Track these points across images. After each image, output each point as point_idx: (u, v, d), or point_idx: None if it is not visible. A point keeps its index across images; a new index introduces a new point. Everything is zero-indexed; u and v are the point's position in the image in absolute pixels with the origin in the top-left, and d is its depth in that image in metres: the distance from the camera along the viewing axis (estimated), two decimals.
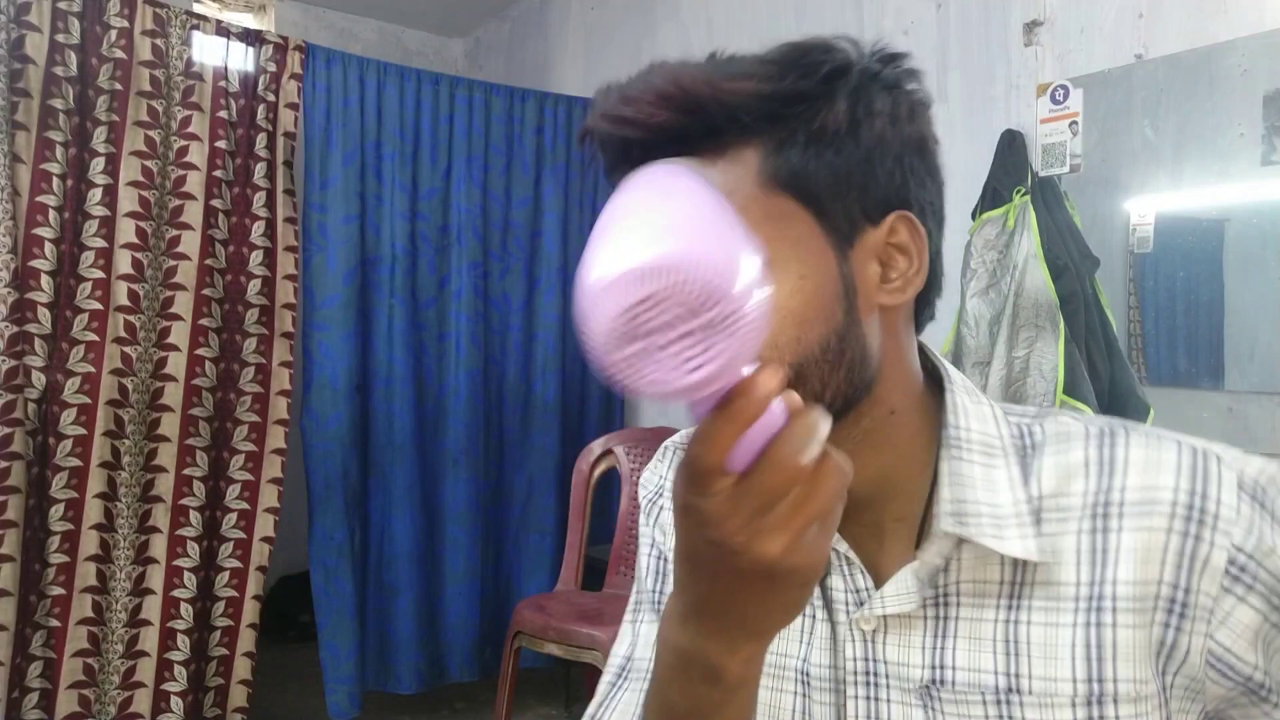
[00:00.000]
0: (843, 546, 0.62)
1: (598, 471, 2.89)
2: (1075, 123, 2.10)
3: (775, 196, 0.54)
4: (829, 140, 0.54)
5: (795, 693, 0.64)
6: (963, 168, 2.22)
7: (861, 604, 0.61)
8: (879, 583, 0.61)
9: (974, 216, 2.14)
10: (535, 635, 2.46)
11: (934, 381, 0.63)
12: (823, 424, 0.41)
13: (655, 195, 0.40)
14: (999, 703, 0.56)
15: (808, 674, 0.63)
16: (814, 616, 0.64)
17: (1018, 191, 2.09)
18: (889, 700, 0.59)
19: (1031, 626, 0.56)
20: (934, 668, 0.58)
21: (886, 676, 0.60)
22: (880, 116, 0.55)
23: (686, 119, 0.53)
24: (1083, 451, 0.58)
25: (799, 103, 0.54)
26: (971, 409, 0.60)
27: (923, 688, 0.58)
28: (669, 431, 2.96)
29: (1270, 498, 0.55)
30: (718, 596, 0.44)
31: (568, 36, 3.77)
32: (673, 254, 0.35)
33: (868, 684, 0.60)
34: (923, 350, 0.63)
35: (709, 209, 0.39)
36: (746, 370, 0.39)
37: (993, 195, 2.14)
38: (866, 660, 0.61)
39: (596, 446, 2.91)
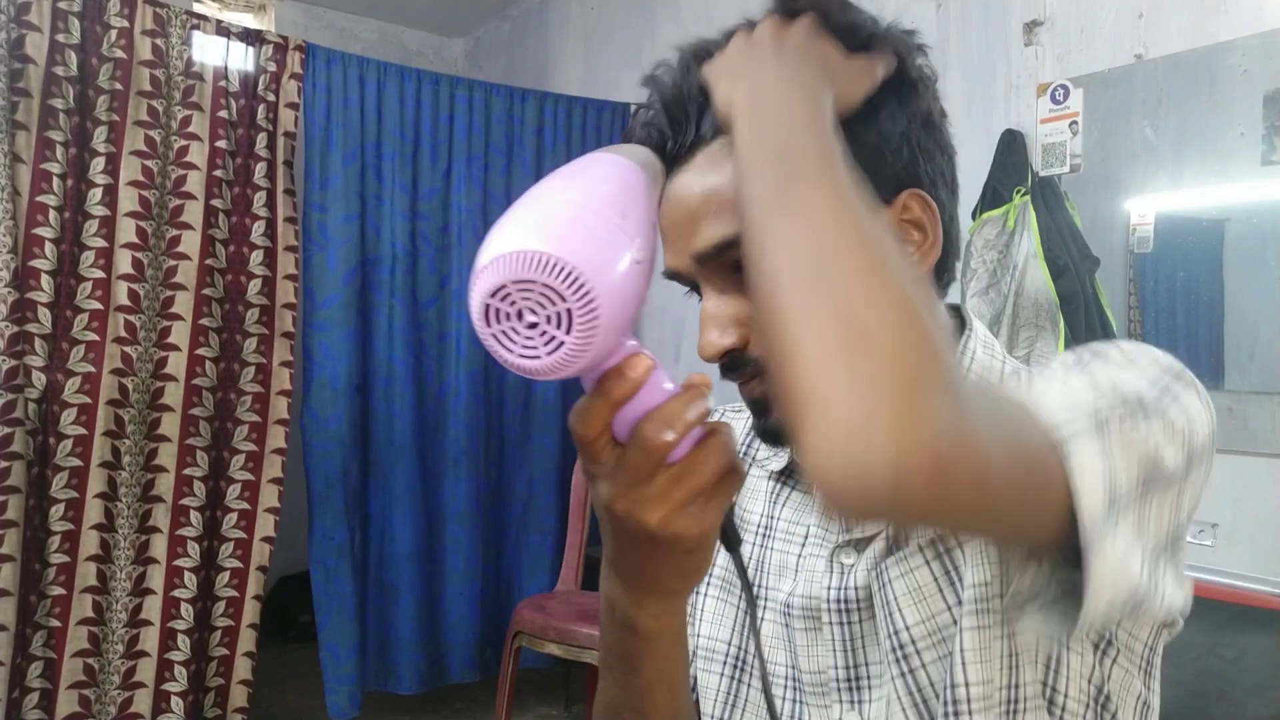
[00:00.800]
0: None
1: None
2: (1075, 123, 2.10)
3: None
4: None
5: (778, 623, 0.69)
6: (963, 168, 2.21)
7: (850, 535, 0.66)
8: None
9: (974, 216, 2.14)
10: (535, 635, 2.46)
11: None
12: (694, 406, 0.44)
13: (560, 182, 0.43)
14: (900, 561, 0.62)
15: (788, 605, 0.68)
16: (800, 553, 0.69)
17: (1018, 191, 2.09)
18: (860, 621, 0.65)
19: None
20: (881, 588, 0.63)
21: (857, 602, 0.64)
22: (887, 105, 0.59)
23: (678, 131, 0.60)
24: None
25: None
26: (981, 357, 0.65)
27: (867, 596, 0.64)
28: None
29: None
30: (622, 555, 0.49)
31: (568, 36, 3.77)
32: (535, 250, 0.38)
33: (841, 610, 0.65)
34: (958, 309, 0.69)
35: (600, 205, 0.42)
36: (628, 347, 0.43)
37: (993, 195, 2.14)
38: (840, 589, 0.65)
39: None
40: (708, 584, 0.75)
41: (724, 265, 0.58)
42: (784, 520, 0.72)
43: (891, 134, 0.59)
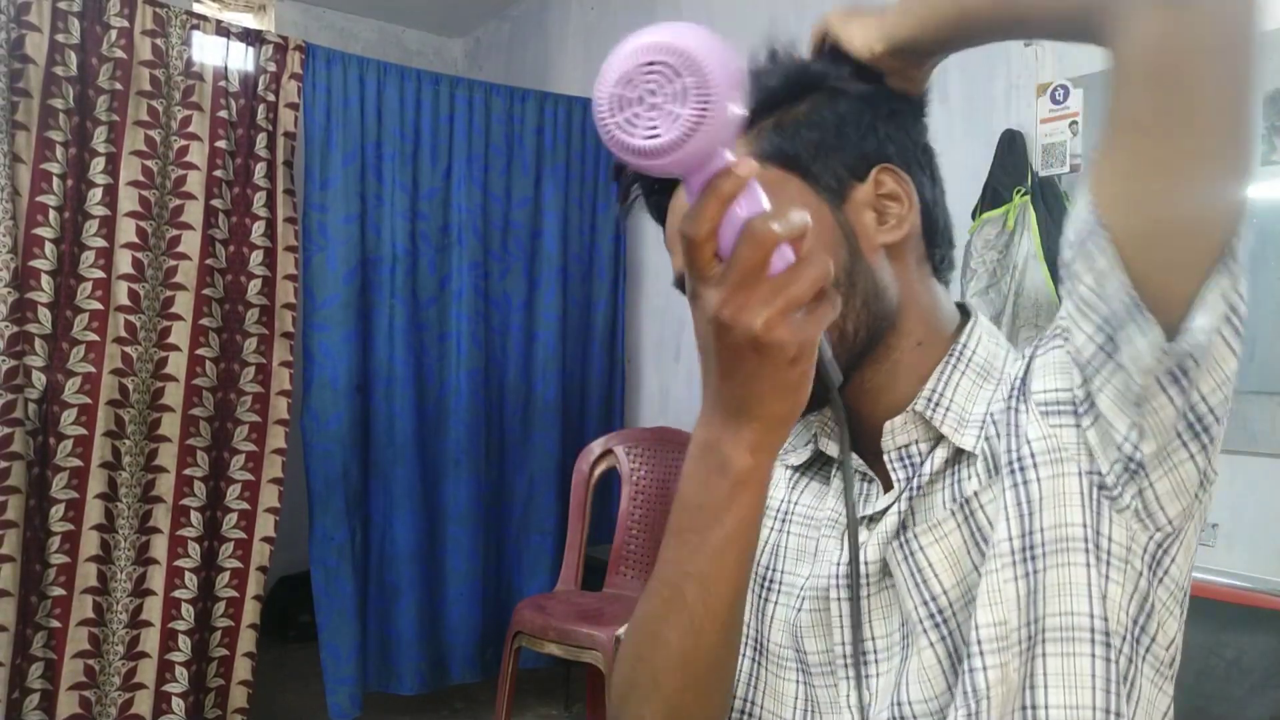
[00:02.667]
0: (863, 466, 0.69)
1: (598, 471, 2.89)
2: (1075, 123, 2.10)
3: (766, 169, 0.61)
4: (799, 127, 0.65)
5: (793, 608, 0.71)
6: (963, 168, 2.22)
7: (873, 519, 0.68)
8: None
9: (974, 216, 2.14)
10: (536, 635, 2.46)
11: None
12: (798, 213, 0.48)
13: (680, 24, 0.48)
14: (934, 527, 0.63)
15: (804, 589, 0.70)
16: (818, 538, 0.71)
17: (1018, 191, 2.09)
18: (868, 595, 0.67)
19: (962, 482, 0.64)
20: (902, 542, 0.65)
21: (866, 576, 0.66)
22: (841, 101, 0.66)
23: None
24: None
25: (769, 107, 0.65)
26: (986, 342, 0.68)
27: (886, 569, 0.65)
28: (669, 431, 2.96)
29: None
30: (726, 376, 0.51)
31: (568, 36, 3.77)
32: (673, 40, 0.44)
33: (849, 585, 0.66)
34: (963, 305, 0.72)
35: (721, 40, 0.47)
36: (729, 157, 0.47)
37: (993, 195, 2.14)
38: (849, 564, 0.66)
39: (596, 446, 2.91)
40: (771, 589, 0.75)
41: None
42: (802, 505, 0.74)
43: (851, 125, 0.66)
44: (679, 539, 0.57)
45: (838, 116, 0.66)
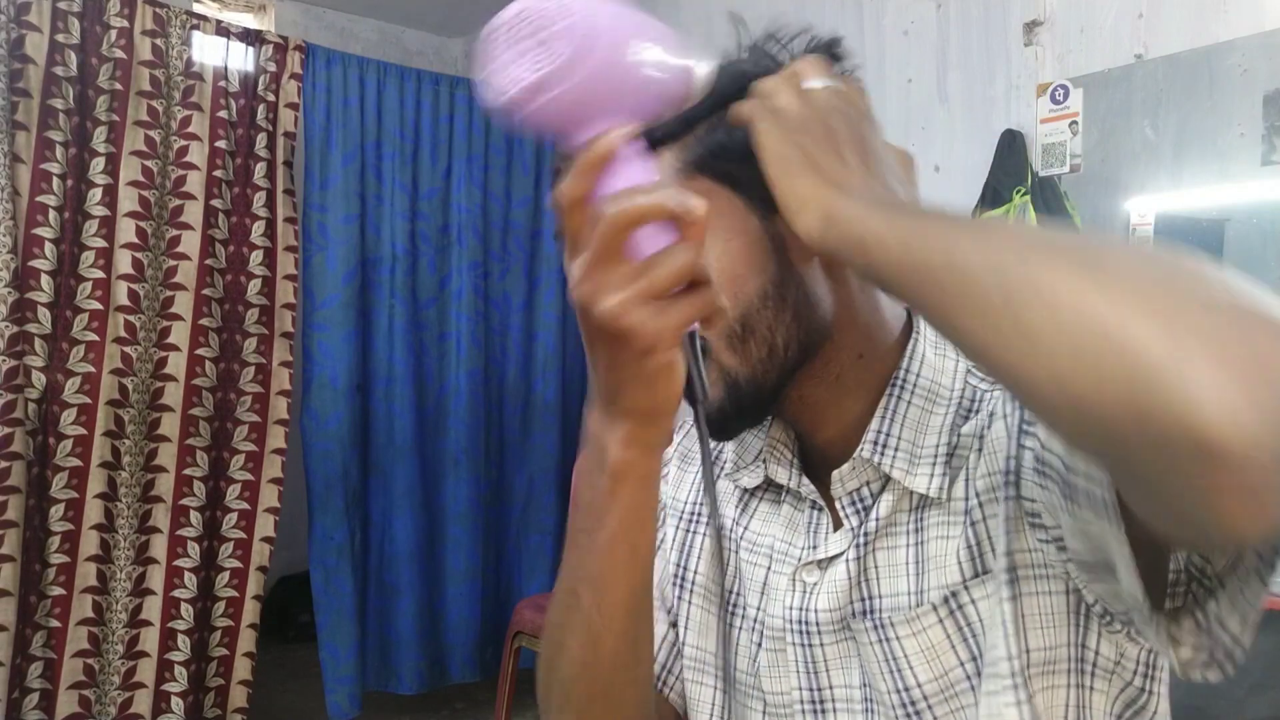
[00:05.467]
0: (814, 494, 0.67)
1: None
2: (1075, 123, 2.10)
3: (695, 179, 0.59)
4: (728, 133, 0.59)
5: (753, 643, 0.69)
6: (963, 167, 2.22)
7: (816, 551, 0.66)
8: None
9: (974, 217, 2.14)
10: (536, 635, 2.46)
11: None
12: (664, 194, 0.45)
13: None
14: (911, 620, 0.60)
15: (762, 623, 0.68)
16: (768, 568, 0.69)
17: (1018, 191, 2.09)
18: (821, 644, 0.65)
19: (931, 543, 0.61)
20: (862, 599, 0.63)
21: (817, 624, 0.64)
22: None
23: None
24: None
25: (695, 123, 0.60)
26: (932, 359, 0.64)
27: (844, 623, 0.64)
28: None
29: None
30: (593, 362, 0.49)
31: None
32: None
33: (803, 631, 0.65)
34: (910, 311, 0.67)
35: (634, 13, 0.47)
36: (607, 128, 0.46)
37: (993, 195, 2.14)
38: (802, 610, 0.65)
39: None
40: (690, 591, 0.74)
41: None
42: (750, 531, 0.71)
43: None
44: (573, 541, 0.56)
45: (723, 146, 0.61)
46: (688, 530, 0.76)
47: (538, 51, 0.45)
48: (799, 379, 0.62)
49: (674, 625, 0.76)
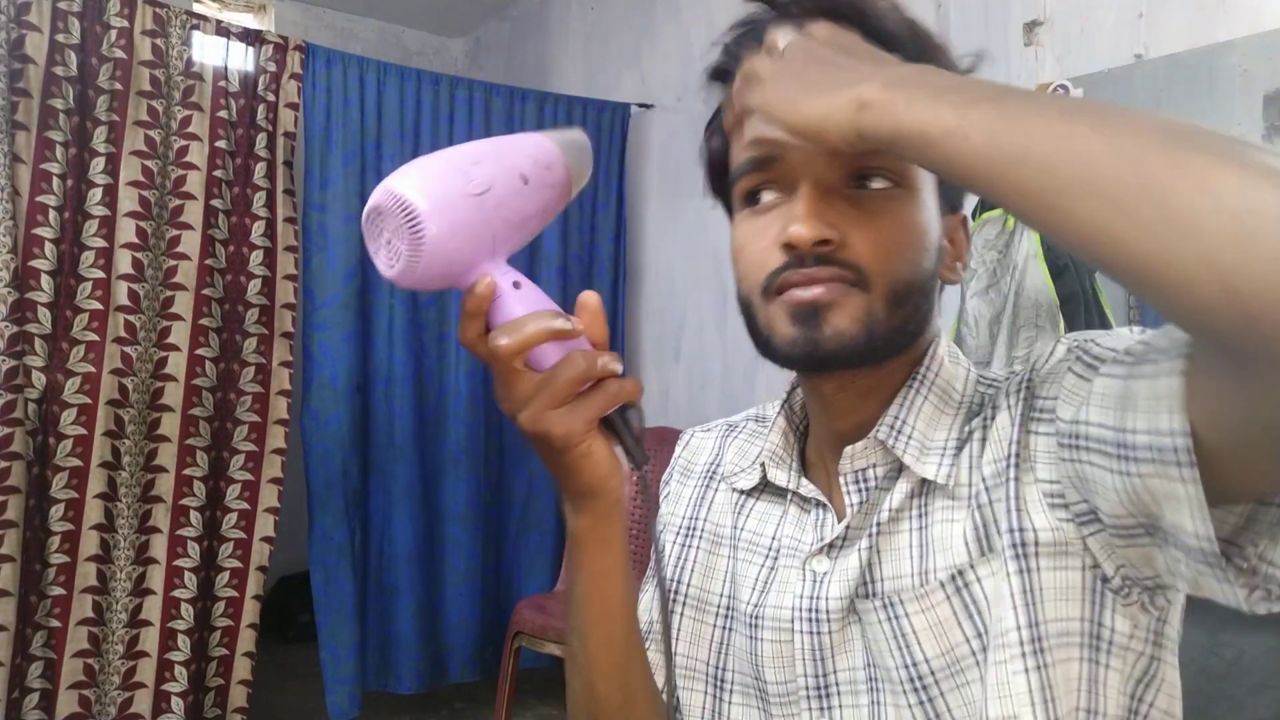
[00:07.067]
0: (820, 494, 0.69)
1: None
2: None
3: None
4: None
5: (749, 637, 0.70)
6: None
7: (824, 543, 0.67)
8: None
9: (974, 216, 2.14)
10: (535, 635, 2.46)
11: None
12: (536, 320, 0.53)
13: (414, 164, 0.54)
14: (920, 598, 0.62)
15: (759, 616, 0.69)
16: (763, 564, 0.71)
17: None
18: (830, 631, 0.66)
19: (935, 527, 0.63)
20: (866, 583, 0.64)
21: (828, 612, 0.65)
22: None
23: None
24: None
25: None
26: (947, 365, 0.67)
27: (850, 607, 0.64)
28: (667, 431, 2.96)
29: (1019, 370, 0.65)
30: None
31: (568, 36, 3.77)
32: (392, 185, 0.51)
33: (812, 619, 0.66)
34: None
35: (458, 155, 0.54)
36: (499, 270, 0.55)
37: None
38: (813, 599, 0.66)
39: None
40: (683, 603, 0.75)
41: (853, 168, 0.60)
42: (748, 531, 0.73)
43: None
44: (566, 596, 0.65)
45: None
46: (683, 545, 0.77)
47: (387, 250, 0.52)
48: (853, 373, 0.64)
49: None
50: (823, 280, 0.59)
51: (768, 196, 0.63)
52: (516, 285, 0.56)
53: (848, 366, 0.62)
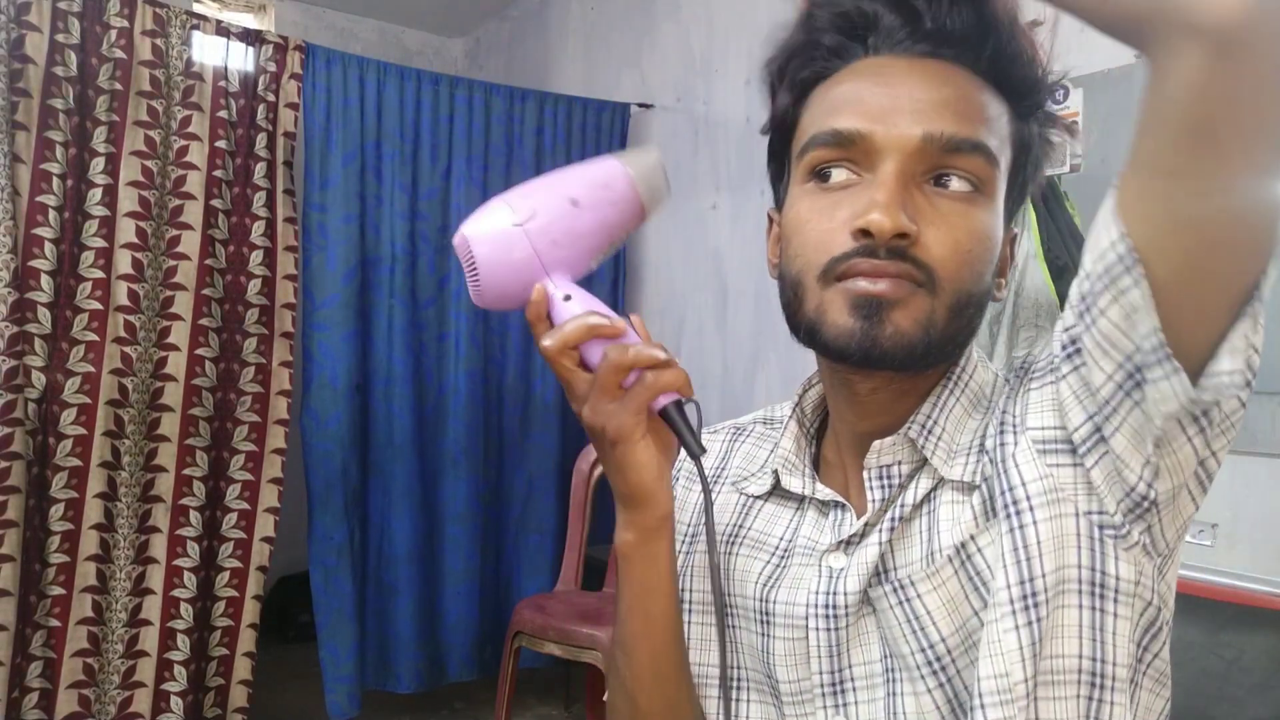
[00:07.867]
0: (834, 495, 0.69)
1: (598, 471, 2.89)
2: (1075, 123, 2.10)
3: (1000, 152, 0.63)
4: (1025, 146, 0.66)
5: (757, 633, 0.70)
6: None
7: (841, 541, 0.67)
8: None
9: None
10: (535, 635, 2.46)
11: None
12: (574, 323, 0.59)
13: (484, 211, 0.63)
14: (931, 575, 0.61)
15: (768, 613, 0.69)
16: (769, 560, 0.70)
17: None
18: (847, 626, 0.65)
19: (943, 508, 0.63)
20: (877, 573, 0.64)
21: (845, 606, 0.64)
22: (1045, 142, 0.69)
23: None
24: None
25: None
26: (980, 370, 0.68)
27: (864, 598, 0.64)
28: None
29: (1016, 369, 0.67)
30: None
31: (568, 36, 3.77)
32: (466, 231, 0.62)
33: (829, 615, 0.65)
34: None
35: (511, 193, 0.62)
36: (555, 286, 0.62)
37: None
38: (829, 594, 0.65)
39: None
40: (689, 610, 0.75)
41: (937, 164, 0.60)
42: (753, 530, 0.72)
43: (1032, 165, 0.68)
44: (613, 610, 0.67)
45: (1035, 163, 0.68)
46: (686, 552, 0.77)
47: (471, 279, 0.61)
48: (895, 374, 0.63)
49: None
50: (891, 275, 0.58)
51: (839, 175, 0.61)
52: (568, 298, 0.61)
53: (898, 368, 0.61)
